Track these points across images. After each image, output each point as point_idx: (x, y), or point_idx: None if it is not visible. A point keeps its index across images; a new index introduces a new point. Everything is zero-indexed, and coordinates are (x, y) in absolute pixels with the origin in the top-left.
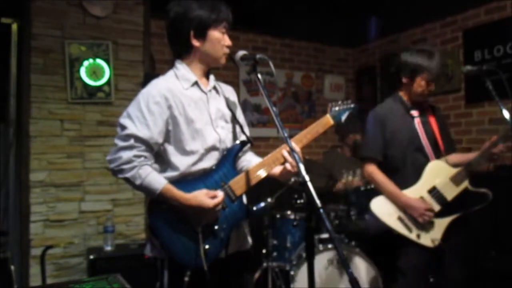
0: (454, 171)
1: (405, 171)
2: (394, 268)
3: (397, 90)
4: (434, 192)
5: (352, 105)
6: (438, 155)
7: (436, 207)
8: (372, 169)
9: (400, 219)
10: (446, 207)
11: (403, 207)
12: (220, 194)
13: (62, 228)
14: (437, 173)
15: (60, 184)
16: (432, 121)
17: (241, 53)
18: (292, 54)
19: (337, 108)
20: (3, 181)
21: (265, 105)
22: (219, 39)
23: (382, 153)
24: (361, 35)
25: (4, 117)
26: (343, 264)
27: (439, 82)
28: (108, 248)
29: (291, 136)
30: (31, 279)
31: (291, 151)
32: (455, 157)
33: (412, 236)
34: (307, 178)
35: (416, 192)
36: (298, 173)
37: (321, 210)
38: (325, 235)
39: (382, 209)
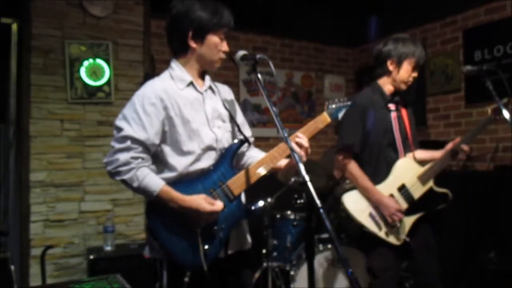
0: (421, 170)
1: (377, 166)
2: (367, 269)
3: (376, 80)
4: (403, 190)
5: (348, 103)
6: (407, 151)
7: (404, 205)
8: (348, 161)
9: (371, 215)
10: (412, 206)
11: (376, 204)
12: (219, 203)
13: (62, 228)
14: (406, 171)
15: (60, 184)
16: (404, 115)
17: (241, 53)
18: (292, 54)
19: (333, 106)
20: (3, 181)
21: (265, 105)
22: (216, 44)
23: (361, 144)
24: (361, 35)
25: (4, 117)
26: (343, 264)
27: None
28: (108, 248)
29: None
30: (31, 279)
31: (291, 151)
32: (421, 153)
33: (381, 234)
34: (307, 178)
35: (387, 189)
36: (298, 173)
37: (321, 210)
38: (325, 235)
39: (355, 205)
